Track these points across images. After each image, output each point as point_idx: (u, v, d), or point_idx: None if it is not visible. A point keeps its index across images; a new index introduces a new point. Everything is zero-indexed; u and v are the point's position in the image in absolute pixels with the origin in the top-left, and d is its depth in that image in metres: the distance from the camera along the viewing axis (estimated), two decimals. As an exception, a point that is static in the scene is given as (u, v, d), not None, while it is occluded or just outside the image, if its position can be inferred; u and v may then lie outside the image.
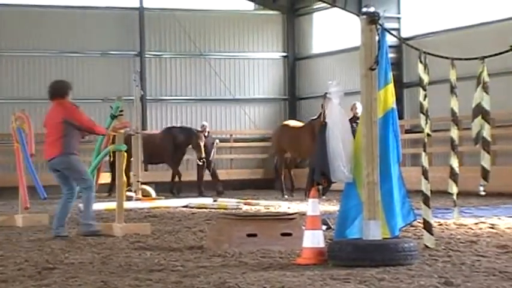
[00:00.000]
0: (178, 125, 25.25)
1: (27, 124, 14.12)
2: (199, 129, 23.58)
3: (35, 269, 8.33)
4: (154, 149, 22.91)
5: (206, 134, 23.59)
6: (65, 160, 11.51)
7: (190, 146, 23.19)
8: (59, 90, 11.73)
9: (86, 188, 11.68)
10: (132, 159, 20.50)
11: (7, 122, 21.04)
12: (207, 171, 23.60)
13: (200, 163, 23.26)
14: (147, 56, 26.50)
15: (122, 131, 12.44)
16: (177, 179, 23.47)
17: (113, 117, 12.63)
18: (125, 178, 12.85)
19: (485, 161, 8.62)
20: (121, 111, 12.58)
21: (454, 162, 8.95)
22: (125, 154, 12.58)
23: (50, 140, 11.62)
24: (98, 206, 13.96)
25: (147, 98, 26.17)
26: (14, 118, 14.48)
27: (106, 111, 24.83)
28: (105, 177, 22.04)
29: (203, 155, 22.87)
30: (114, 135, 12.47)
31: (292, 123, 21.71)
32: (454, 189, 8.96)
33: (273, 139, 22.01)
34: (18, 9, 25.52)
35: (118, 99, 13.04)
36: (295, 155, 21.36)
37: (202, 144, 22.92)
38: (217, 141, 23.92)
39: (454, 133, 8.95)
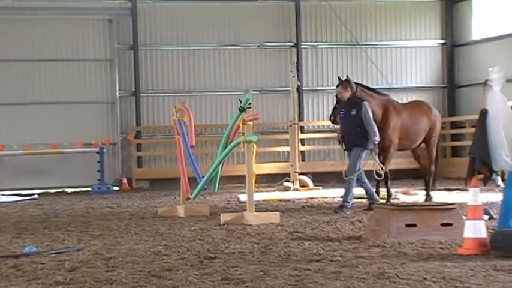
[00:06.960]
0: None
1: (188, 116, 14.44)
2: None
3: (197, 258, 8.52)
4: None
5: None
6: None
7: None
8: None
9: None
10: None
11: (168, 115, 21.65)
12: None
13: None
14: (303, 46, 26.58)
15: (251, 122, 12.75)
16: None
17: (242, 110, 12.81)
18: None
19: None
20: (249, 104, 12.78)
21: None
22: (254, 145, 12.71)
23: None
24: (256, 196, 14.12)
25: (304, 88, 26.24)
26: (175, 110, 14.84)
27: (263, 102, 25.35)
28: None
29: None
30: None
31: None
32: None
33: None
34: (176, 4, 26.03)
35: (247, 92, 13.21)
36: None
37: None
38: None
39: None
